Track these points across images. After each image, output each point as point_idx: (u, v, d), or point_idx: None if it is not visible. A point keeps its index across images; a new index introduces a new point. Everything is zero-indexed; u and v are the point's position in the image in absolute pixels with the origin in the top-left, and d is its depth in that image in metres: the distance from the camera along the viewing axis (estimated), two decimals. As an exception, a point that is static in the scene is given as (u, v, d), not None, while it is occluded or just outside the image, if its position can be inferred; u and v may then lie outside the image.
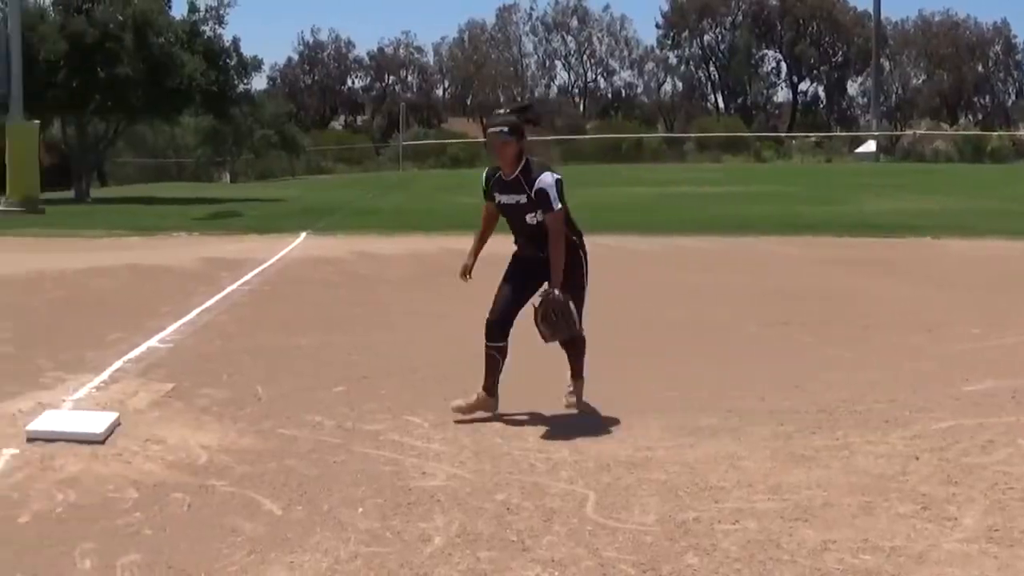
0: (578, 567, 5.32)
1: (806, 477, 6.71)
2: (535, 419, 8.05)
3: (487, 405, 8.04)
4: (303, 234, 23.38)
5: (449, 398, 8.21)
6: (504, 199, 8.05)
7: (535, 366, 8.70)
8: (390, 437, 7.57)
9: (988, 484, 6.53)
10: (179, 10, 59.50)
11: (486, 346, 8.01)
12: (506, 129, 7.87)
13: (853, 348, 10.86)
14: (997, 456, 7.13)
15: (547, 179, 7.79)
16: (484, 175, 8.26)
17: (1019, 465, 6.93)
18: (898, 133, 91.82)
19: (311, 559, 5.42)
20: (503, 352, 8.01)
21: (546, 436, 7.60)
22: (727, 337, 11.52)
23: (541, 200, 7.79)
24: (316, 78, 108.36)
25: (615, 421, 7.97)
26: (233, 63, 46.07)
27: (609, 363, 9.75)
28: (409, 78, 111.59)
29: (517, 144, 7.89)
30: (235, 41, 46.25)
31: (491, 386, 8.04)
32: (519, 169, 7.91)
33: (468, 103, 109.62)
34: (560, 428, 7.79)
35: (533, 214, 7.90)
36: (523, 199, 7.89)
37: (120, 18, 42.10)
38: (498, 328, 8.00)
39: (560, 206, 7.80)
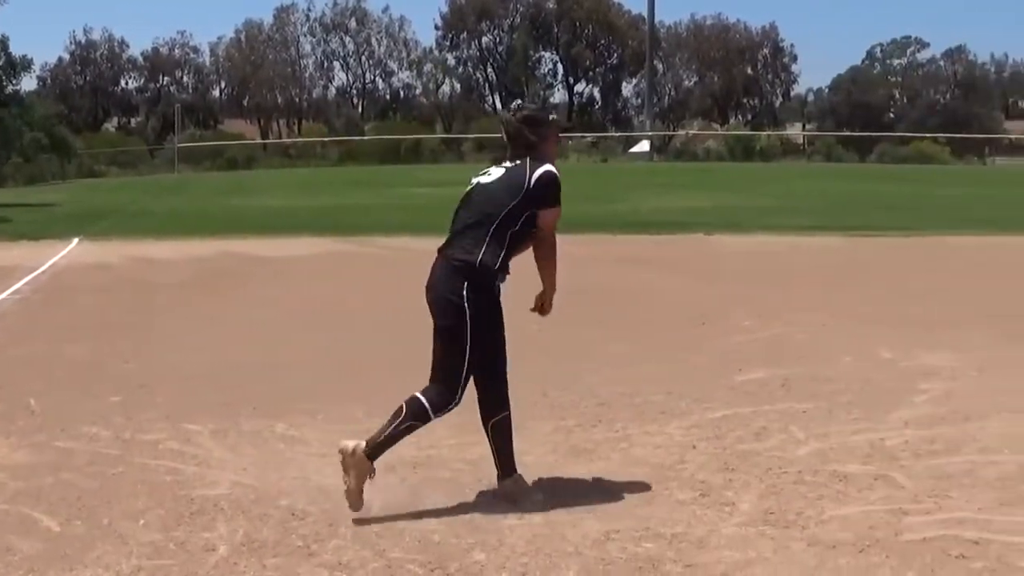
0: (365, 569, 5.31)
1: (587, 469, 6.81)
2: (316, 424, 7.98)
3: None
4: (75, 240, 22.82)
5: (229, 403, 8.11)
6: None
7: (304, 371, 8.63)
8: (169, 446, 7.42)
9: (763, 469, 6.75)
10: (-57, 7, 57.41)
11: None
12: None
13: (631, 343, 11.06)
14: (770, 442, 7.36)
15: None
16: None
17: (792, 450, 7.17)
18: (671, 133, 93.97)
19: (92, 575, 5.29)
20: None
21: (330, 440, 7.53)
22: (509, 334, 11.56)
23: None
24: (88, 79, 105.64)
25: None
26: (1, 63, 44.57)
27: (396, 365, 9.76)
28: (185, 79, 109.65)
29: None
30: (3, 40, 44.75)
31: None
32: None
33: (245, 104, 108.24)
34: (343, 432, 7.72)
35: None
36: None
37: None
38: None
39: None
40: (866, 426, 7.72)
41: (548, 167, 6.34)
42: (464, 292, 6.26)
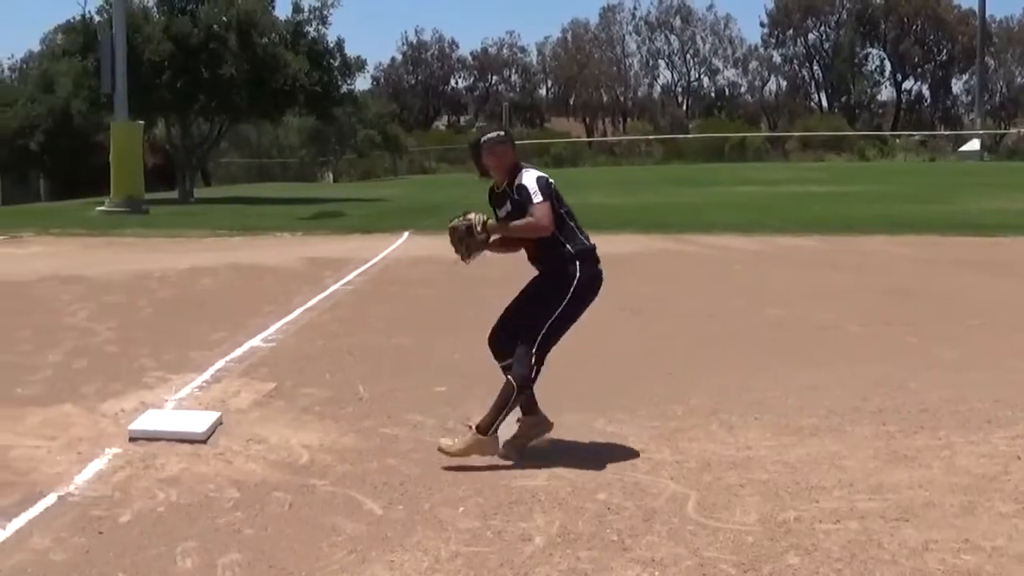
0: (678, 567, 5.32)
1: (908, 477, 6.66)
2: (635, 420, 8.04)
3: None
4: (406, 233, 23.53)
5: (553, 398, 8.21)
6: (499, 212, 7.33)
7: (626, 368, 8.67)
8: (491, 436, 7.59)
9: (1092, 484, 6.46)
10: (283, 10, 59.91)
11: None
12: (502, 134, 7.32)
13: (956, 348, 10.75)
14: (1103, 457, 7.04)
15: (527, 176, 7.04)
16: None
17: (1125, 466, 6.84)
18: (1003, 132, 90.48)
19: (411, 558, 5.44)
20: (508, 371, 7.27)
21: (647, 437, 7.60)
22: (829, 336, 11.44)
23: (522, 196, 7.02)
24: (419, 78, 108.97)
25: (716, 421, 7.95)
26: (337, 63, 46.21)
27: (710, 362, 9.77)
28: (512, 78, 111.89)
29: (512, 152, 7.25)
30: (339, 41, 46.47)
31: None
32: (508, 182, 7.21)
33: (571, 103, 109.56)
34: (660, 429, 7.78)
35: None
36: (509, 208, 7.21)
37: (224, 19, 42.52)
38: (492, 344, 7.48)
39: (541, 199, 6.92)
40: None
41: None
42: None
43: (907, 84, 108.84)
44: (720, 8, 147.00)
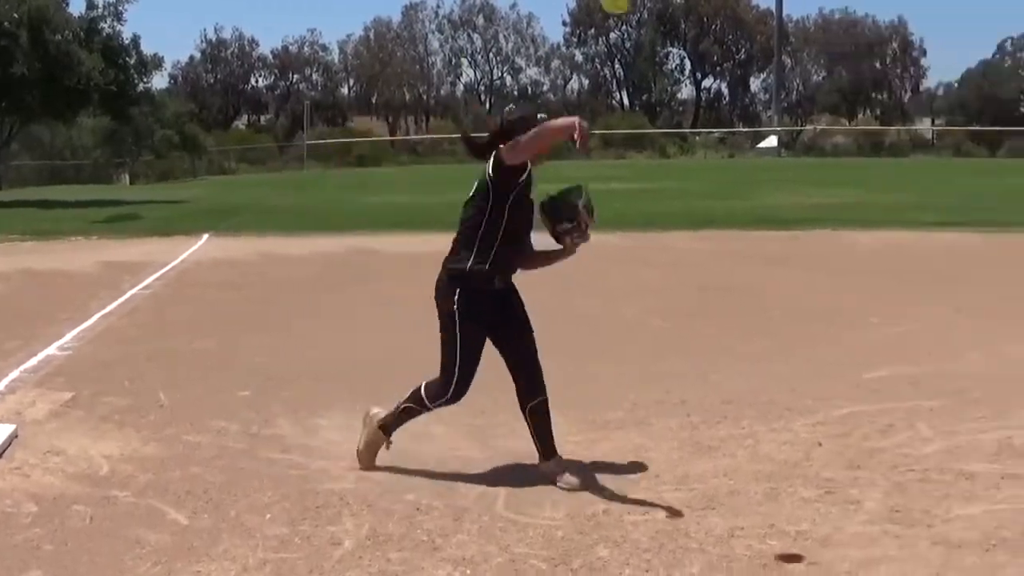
0: (489, 564, 5.33)
1: (712, 466, 6.79)
2: (443, 419, 8.02)
3: None
4: (206, 236, 23.15)
5: (356, 399, 8.17)
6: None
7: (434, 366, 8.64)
8: (297, 440, 7.52)
9: (888, 467, 6.70)
10: (77, 7, 58.43)
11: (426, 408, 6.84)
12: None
13: (757, 339, 10.99)
14: (896, 439, 7.30)
15: None
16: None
17: (918, 448, 7.10)
18: (799, 128, 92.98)
19: (218, 567, 5.36)
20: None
21: (455, 435, 7.60)
22: (633, 331, 11.59)
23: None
24: (219, 77, 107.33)
25: (523, 418, 7.98)
26: (133, 61, 45.13)
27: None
28: (314, 76, 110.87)
29: None
30: (135, 39, 45.31)
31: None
32: None
33: (373, 101, 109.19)
34: (469, 427, 7.78)
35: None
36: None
37: (15, 15, 41.25)
38: None
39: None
40: (994, 424, 7.61)
41: None
42: None
43: (707, 82, 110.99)
44: (523, 7, 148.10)
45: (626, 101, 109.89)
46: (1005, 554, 5.32)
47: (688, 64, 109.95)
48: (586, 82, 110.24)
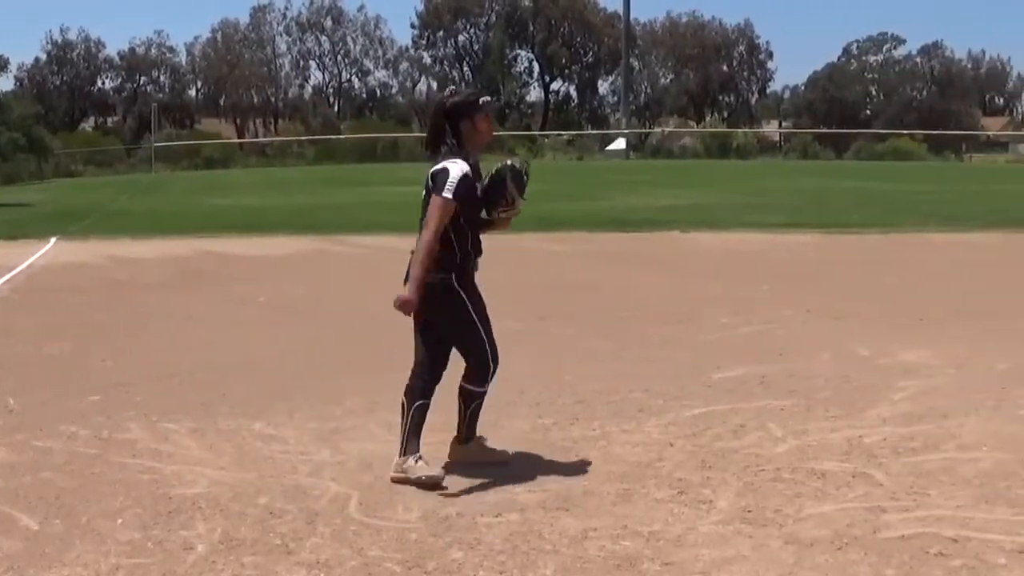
0: (343, 567, 5.30)
1: (566, 467, 6.83)
2: (293, 422, 7.96)
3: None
4: (53, 239, 22.66)
5: (207, 402, 8.08)
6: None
7: (282, 370, 8.61)
8: (148, 445, 7.40)
9: (741, 467, 6.78)
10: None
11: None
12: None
13: (608, 339, 11.07)
14: (748, 440, 7.39)
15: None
16: (466, 166, 6.54)
17: (769, 448, 7.20)
18: (647, 131, 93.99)
19: (71, 573, 5.26)
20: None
21: (307, 439, 7.53)
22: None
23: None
24: (65, 79, 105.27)
25: (375, 420, 7.95)
26: (-24, 63, 44.25)
27: (367, 362, 9.78)
28: (161, 78, 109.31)
29: None
30: (-22, 40, 44.44)
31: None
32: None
33: (221, 103, 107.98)
34: (320, 430, 7.73)
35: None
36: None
37: None
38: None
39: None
40: (844, 423, 7.75)
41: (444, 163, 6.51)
42: None
43: (555, 85, 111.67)
44: (371, 9, 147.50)
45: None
46: (856, 552, 5.41)
47: (537, 67, 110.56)
48: (435, 84, 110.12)
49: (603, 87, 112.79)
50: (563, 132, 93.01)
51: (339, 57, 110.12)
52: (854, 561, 5.30)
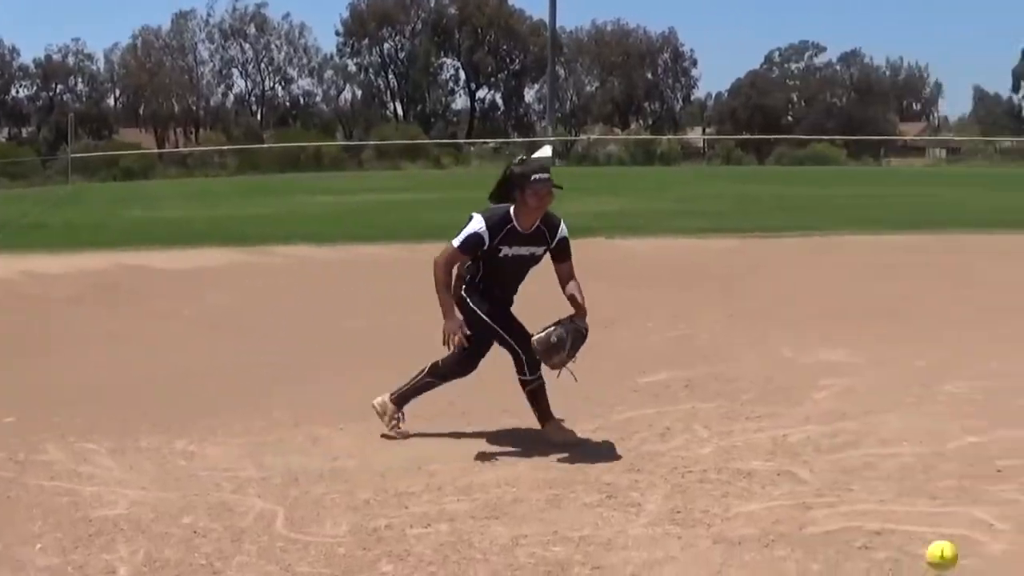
0: (270, 585, 5.24)
1: (495, 476, 6.83)
2: (216, 439, 7.87)
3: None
4: (-36, 255, 22.27)
5: (127, 421, 7.96)
6: (517, 251, 7.87)
7: (204, 385, 8.51)
8: (66, 466, 7.25)
9: (668, 469, 6.85)
10: None
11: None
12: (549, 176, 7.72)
13: (535, 347, 11.03)
14: (675, 442, 7.47)
15: (565, 227, 8.05)
16: (486, 226, 7.63)
17: (696, 449, 7.29)
18: (573, 138, 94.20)
19: (-13, 601, 5.15)
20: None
21: (230, 455, 7.45)
22: (416, 342, 11.52)
23: (563, 249, 8.11)
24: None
25: (301, 433, 7.89)
26: None
27: (290, 374, 9.71)
28: (79, 87, 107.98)
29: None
30: None
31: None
32: (540, 220, 7.80)
33: (141, 112, 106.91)
34: (244, 446, 7.65)
35: (537, 264, 7.95)
36: (540, 251, 7.96)
37: None
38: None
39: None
40: (769, 423, 7.84)
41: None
42: None
43: (481, 93, 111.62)
44: (296, 17, 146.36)
45: (400, 112, 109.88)
46: (783, 548, 5.47)
47: (463, 75, 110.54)
48: (359, 92, 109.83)
49: (529, 95, 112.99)
50: (489, 140, 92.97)
51: (263, 65, 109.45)
52: (781, 557, 5.36)
